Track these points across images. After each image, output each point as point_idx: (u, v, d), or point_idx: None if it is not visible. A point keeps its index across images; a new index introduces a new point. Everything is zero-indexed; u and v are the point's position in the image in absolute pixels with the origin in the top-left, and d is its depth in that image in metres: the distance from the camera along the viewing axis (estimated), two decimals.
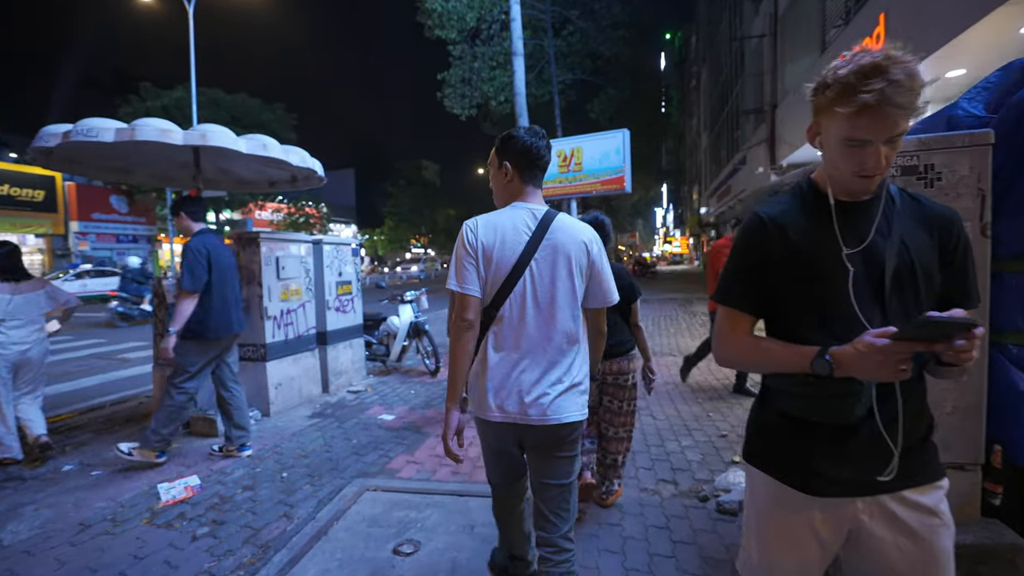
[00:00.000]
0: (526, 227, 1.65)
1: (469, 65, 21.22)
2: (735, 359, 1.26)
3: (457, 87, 21.52)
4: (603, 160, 14.01)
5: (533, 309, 1.62)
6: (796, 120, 11.93)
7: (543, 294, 1.62)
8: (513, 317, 1.63)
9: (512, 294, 1.62)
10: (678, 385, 5.22)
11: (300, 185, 4.97)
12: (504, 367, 1.62)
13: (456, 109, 21.94)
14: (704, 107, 31.31)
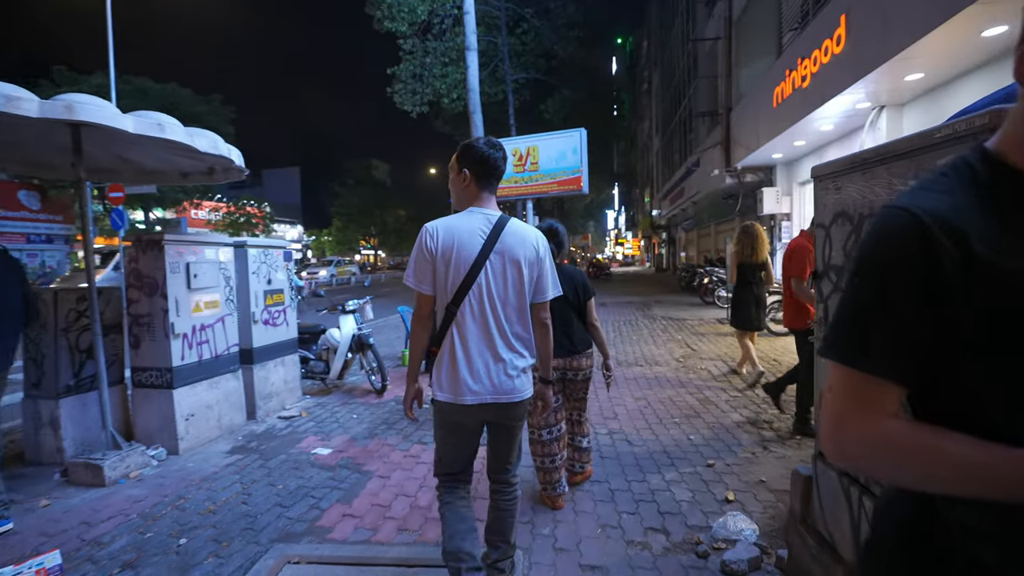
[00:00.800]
0: (481, 232, 1.85)
1: (420, 60, 20.44)
2: (873, 460, 0.72)
3: (408, 83, 20.74)
4: (560, 160, 13.65)
5: (489, 305, 1.84)
6: (751, 123, 11.94)
7: (498, 291, 1.85)
8: (474, 312, 1.83)
9: (471, 292, 1.82)
10: (649, 402, 4.80)
11: (219, 178, 4.22)
12: (469, 357, 1.84)
13: (407, 106, 21.13)
14: (656, 110, 31.73)
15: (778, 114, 10.01)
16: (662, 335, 8.58)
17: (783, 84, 9.57)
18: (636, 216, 50.06)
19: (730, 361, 6.31)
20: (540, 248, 1.93)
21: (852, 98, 7.97)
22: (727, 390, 5.09)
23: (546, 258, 1.96)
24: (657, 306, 13.05)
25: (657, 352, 7.13)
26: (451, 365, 1.85)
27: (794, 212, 12.95)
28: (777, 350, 6.86)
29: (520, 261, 1.86)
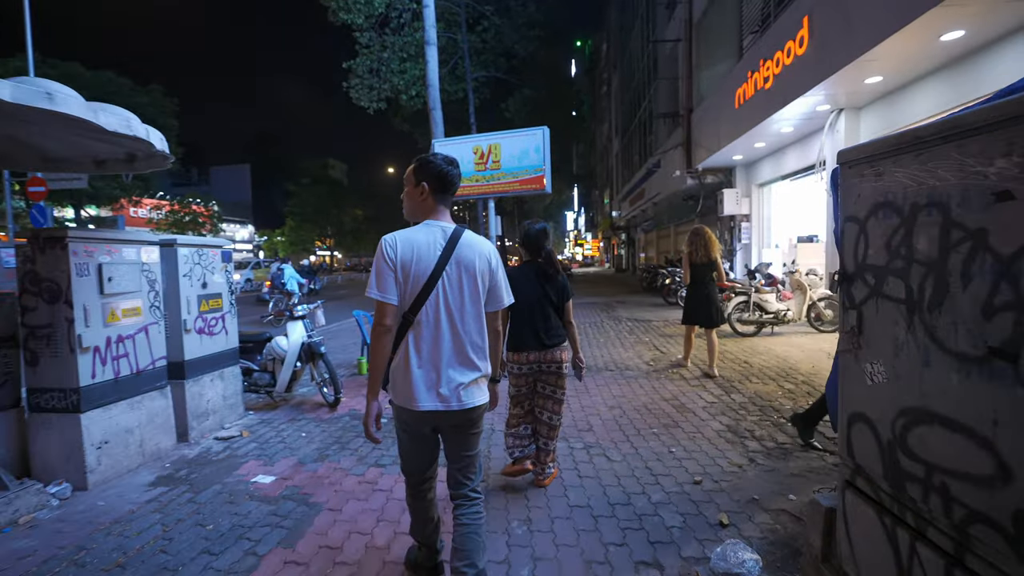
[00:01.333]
0: (438, 244, 1.91)
1: (378, 55, 19.79)
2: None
3: (365, 78, 20.05)
4: (522, 158, 13.37)
5: (446, 314, 1.89)
6: (712, 125, 11.99)
7: (454, 301, 1.90)
8: (430, 321, 1.89)
9: (428, 302, 1.87)
10: (624, 411, 4.54)
11: (141, 166, 3.66)
12: (425, 364, 1.88)
13: (363, 102, 20.43)
14: (616, 112, 32.00)
15: (740, 115, 10.04)
16: (629, 337, 8.39)
17: (745, 85, 9.59)
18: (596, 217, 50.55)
19: (701, 364, 6.15)
20: (492, 259, 2.02)
21: (813, 100, 8.01)
22: (702, 395, 4.89)
23: (498, 269, 2.03)
24: (621, 307, 12.96)
25: (626, 355, 6.92)
26: (406, 371, 1.89)
27: (753, 213, 13.12)
28: (745, 351, 6.77)
29: (475, 272, 1.94)
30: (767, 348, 6.92)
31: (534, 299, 3.02)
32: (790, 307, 7.84)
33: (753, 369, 5.79)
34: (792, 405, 4.47)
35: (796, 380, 5.25)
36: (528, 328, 3.01)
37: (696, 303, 5.74)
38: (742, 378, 5.43)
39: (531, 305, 3.01)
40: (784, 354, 6.51)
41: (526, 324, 3.01)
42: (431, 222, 1.96)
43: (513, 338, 3.02)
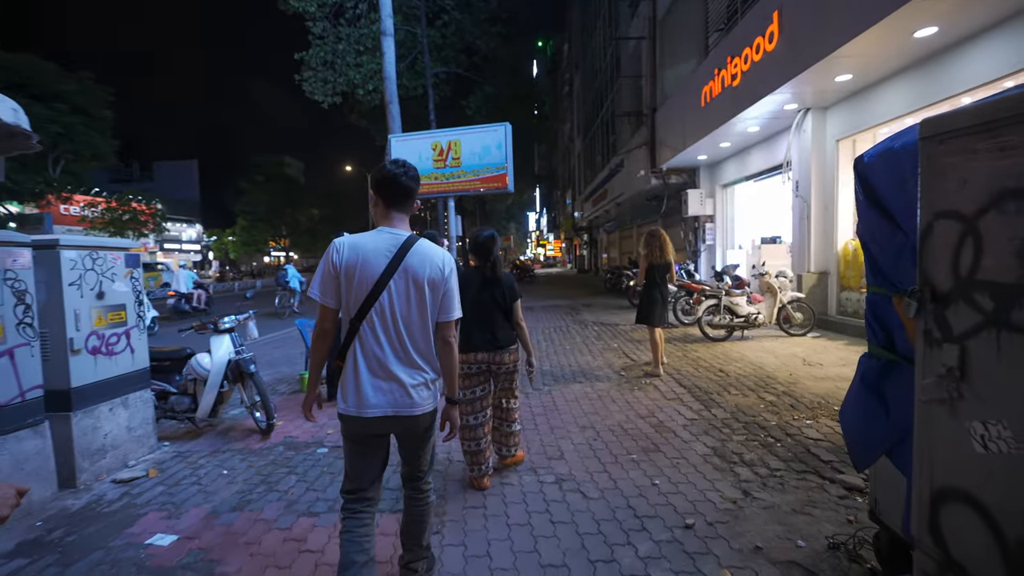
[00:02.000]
0: (387, 251, 1.91)
1: (332, 47, 18.91)
2: None
3: (319, 70, 19.15)
4: (483, 155, 12.82)
5: (391, 321, 1.90)
6: (677, 124, 11.79)
7: (400, 308, 1.91)
8: (375, 329, 1.90)
9: (374, 308, 1.89)
10: (599, 432, 4.08)
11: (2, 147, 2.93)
12: (372, 371, 1.90)
13: (317, 95, 19.53)
14: (578, 113, 31.89)
15: (706, 114, 9.83)
16: (596, 343, 7.99)
17: (712, 83, 9.37)
18: (558, 218, 50.53)
19: (675, 372, 5.79)
20: (445, 269, 1.98)
21: (781, 98, 7.82)
22: (680, 411, 4.49)
23: (452, 278, 2.01)
24: (586, 310, 12.60)
25: (595, 363, 6.49)
26: (354, 379, 1.90)
27: (717, 214, 13.02)
28: (719, 358, 6.46)
29: (423, 282, 1.92)
30: (740, 354, 6.63)
31: (482, 302, 3.11)
32: (760, 310, 7.62)
33: (730, 379, 5.45)
34: (777, 421, 4.12)
35: (776, 391, 4.93)
36: (477, 330, 3.10)
37: (650, 303, 5.77)
38: (720, 389, 5.07)
39: (479, 308, 3.09)
40: (759, 361, 6.23)
41: (475, 326, 3.09)
42: (384, 229, 1.97)
43: (462, 340, 3.00)
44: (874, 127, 7.39)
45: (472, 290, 3.06)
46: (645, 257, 5.78)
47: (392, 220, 1.98)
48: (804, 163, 8.40)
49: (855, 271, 7.69)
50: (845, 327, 7.73)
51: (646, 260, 5.78)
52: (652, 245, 5.75)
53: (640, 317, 5.86)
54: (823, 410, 4.32)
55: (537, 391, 5.27)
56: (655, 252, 5.73)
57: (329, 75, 19.02)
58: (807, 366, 5.87)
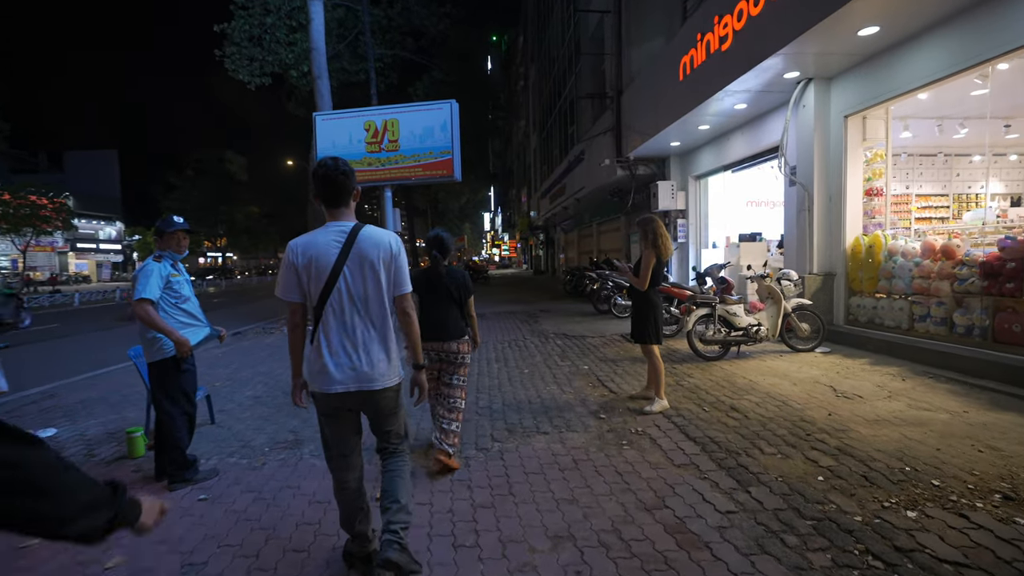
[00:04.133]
0: (336, 243, 2.08)
1: (259, 20, 16.52)
2: None
3: (244, 46, 16.72)
4: (425, 137, 10.98)
5: (349, 304, 2.08)
6: (648, 104, 10.35)
7: (357, 292, 2.09)
8: (336, 312, 2.08)
9: (332, 295, 2.06)
10: (583, 552, 2.41)
11: None
12: (335, 352, 2.07)
13: (243, 75, 17.09)
14: (534, 106, 30.42)
15: (686, 89, 8.39)
16: (561, 363, 6.36)
17: (693, 51, 7.92)
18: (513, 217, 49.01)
19: (674, 413, 4.21)
20: (394, 247, 2.13)
21: (781, 64, 6.43)
22: (702, 490, 2.89)
23: (400, 255, 2.15)
24: (545, 317, 10.99)
25: (563, 398, 4.84)
26: (319, 360, 2.08)
27: (690, 208, 11.71)
28: (722, 386, 4.95)
29: (375, 262, 2.08)
30: (747, 380, 5.14)
31: (436, 296, 3.35)
32: (761, 321, 6.19)
33: (751, 423, 3.92)
34: (861, 513, 2.57)
35: (826, 446, 3.41)
36: (429, 321, 3.28)
37: (650, 313, 4.42)
38: (746, 444, 3.51)
39: (433, 300, 3.35)
40: (775, 390, 4.75)
41: (428, 318, 3.29)
42: (330, 224, 2.13)
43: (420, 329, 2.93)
44: (889, 100, 6.11)
45: (428, 285, 3.34)
46: (650, 250, 4.33)
47: (336, 215, 2.14)
48: (804, 144, 7.07)
49: (869, 272, 6.39)
50: (857, 340, 6.42)
51: (652, 254, 4.30)
52: (658, 233, 4.33)
53: (639, 333, 4.49)
54: (920, 488, 2.80)
55: (484, 452, 3.56)
56: (661, 244, 4.32)
57: (256, 52, 16.69)
58: (843, 399, 4.42)
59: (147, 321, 3.06)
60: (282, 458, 3.61)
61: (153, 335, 3.12)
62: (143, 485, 3.22)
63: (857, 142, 6.66)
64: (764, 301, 6.40)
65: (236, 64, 16.59)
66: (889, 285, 6.11)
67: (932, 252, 5.58)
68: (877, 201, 6.75)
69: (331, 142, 10.99)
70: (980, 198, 9.53)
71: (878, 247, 6.25)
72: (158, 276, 3.14)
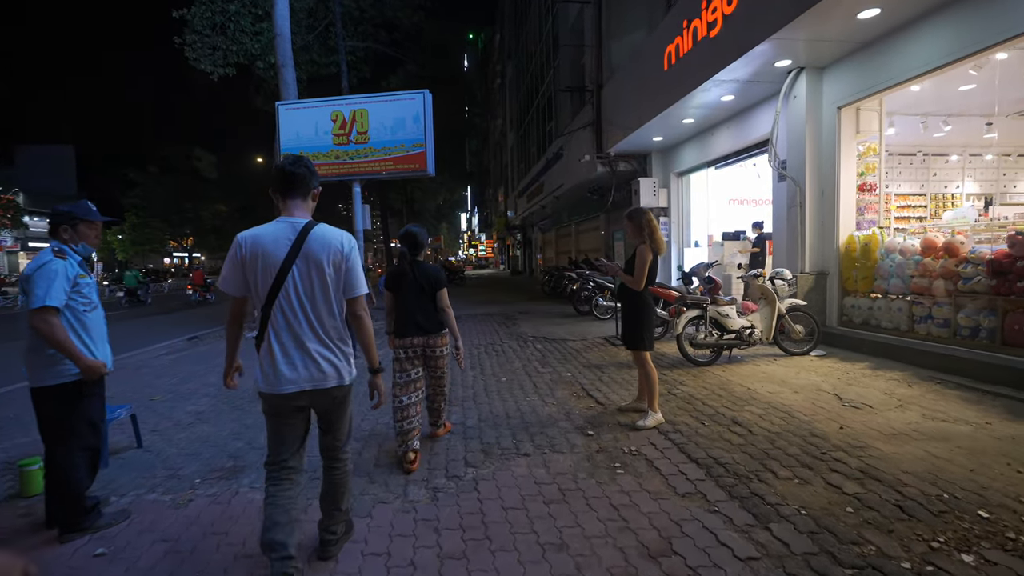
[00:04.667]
0: (287, 239, 2.03)
1: (222, 6, 15.66)
2: None
3: (206, 35, 15.84)
4: (396, 129, 10.37)
5: (298, 304, 2.03)
6: (630, 97, 9.96)
7: (305, 291, 2.04)
8: (284, 311, 2.03)
9: (280, 294, 2.01)
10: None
11: None
12: (284, 351, 2.03)
13: (204, 65, 16.22)
14: (511, 104, 29.95)
15: (670, 79, 8.01)
16: (542, 370, 5.88)
17: (679, 39, 7.54)
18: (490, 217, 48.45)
19: (670, 427, 3.76)
20: (345, 247, 2.08)
21: (773, 51, 6.08)
22: (716, 529, 2.43)
23: (352, 255, 2.10)
24: (524, 319, 10.51)
25: (545, 410, 4.35)
26: (269, 359, 2.03)
27: (672, 206, 11.37)
28: (719, 395, 4.54)
29: (323, 263, 2.04)
30: (744, 388, 4.74)
31: (412, 292, 3.37)
32: (754, 323, 5.82)
33: (757, 438, 3.49)
34: (905, 556, 2.14)
35: (846, 467, 3.00)
36: (408, 317, 3.36)
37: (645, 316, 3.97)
38: (756, 466, 3.07)
39: (411, 297, 3.37)
40: (776, 399, 4.35)
41: (407, 314, 3.36)
42: (282, 219, 2.08)
43: (398, 326, 3.38)
44: (884, 90, 5.81)
45: (404, 281, 3.38)
46: (645, 245, 3.84)
47: (289, 209, 2.10)
48: (795, 137, 6.74)
49: (864, 271, 6.08)
50: (852, 342, 6.10)
51: (647, 249, 3.81)
52: (652, 227, 3.85)
53: (631, 337, 3.99)
54: (966, 521, 2.39)
55: (455, 482, 3.04)
56: (656, 239, 3.83)
57: (219, 41, 15.83)
58: (851, 409, 4.03)
59: (49, 337, 2.39)
60: (213, 492, 3.02)
61: (53, 352, 2.47)
62: (31, 533, 2.60)
63: (851, 135, 6.35)
64: (757, 302, 6.03)
65: (198, 53, 15.73)
66: (886, 284, 5.80)
67: (933, 249, 5.28)
68: (870, 197, 6.46)
69: (295, 133, 10.31)
70: (956, 198, 9.48)
71: (874, 244, 5.94)
72: (64, 278, 2.49)
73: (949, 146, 9.03)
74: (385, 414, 3.92)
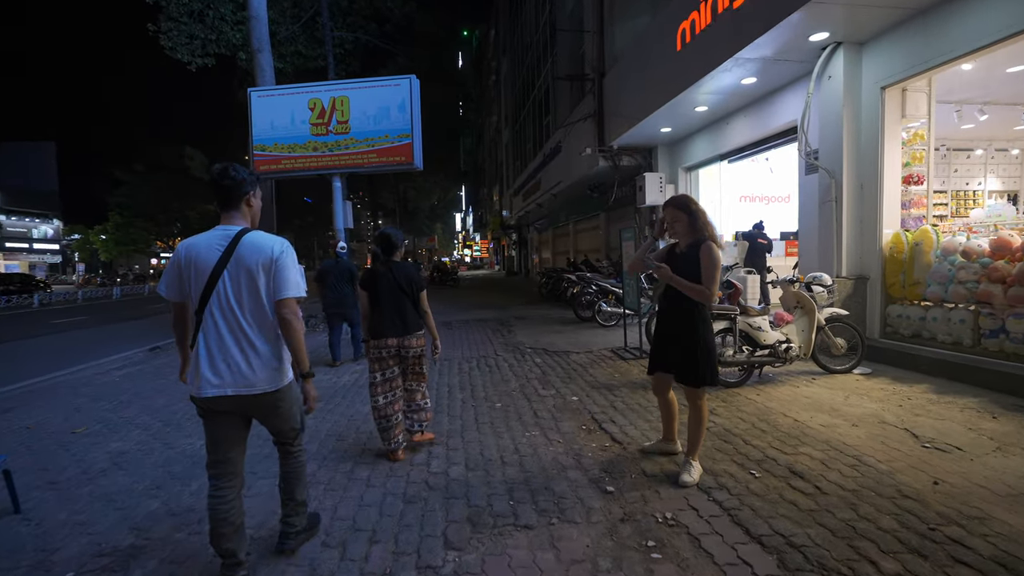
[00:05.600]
0: (219, 245, 2.07)
1: None
2: None
3: (183, 22, 14.95)
4: (380, 119, 9.48)
5: (228, 308, 2.06)
6: (636, 83, 9.12)
7: (234, 295, 2.06)
8: (215, 316, 2.06)
9: (211, 299, 2.05)
10: None
11: None
12: (210, 355, 2.05)
13: (182, 54, 15.35)
14: (506, 99, 29.09)
15: (684, 60, 7.18)
16: (543, 392, 5.03)
17: (696, 14, 6.70)
18: (485, 216, 47.57)
19: (711, 480, 2.91)
20: (275, 252, 2.09)
21: (811, 19, 5.25)
22: None
23: (282, 259, 2.10)
24: (520, 326, 9.65)
25: (549, 452, 3.50)
26: (196, 364, 2.07)
27: None
28: (760, 430, 3.70)
29: (253, 268, 2.06)
30: (792, 420, 3.90)
31: (390, 292, 3.40)
32: (790, 336, 4.98)
33: (831, 501, 2.65)
34: None
35: (970, 552, 2.17)
36: (386, 317, 3.38)
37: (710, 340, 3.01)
38: (844, 549, 2.23)
39: (387, 297, 3.40)
40: (834, 436, 3.51)
41: (384, 313, 3.39)
42: (218, 227, 2.13)
43: (374, 326, 3.40)
44: (935, 67, 5.01)
45: (380, 282, 3.41)
46: (710, 243, 2.87)
47: (227, 218, 2.15)
48: (830, 123, 5.92)
49: (914, 275, 5.26)
50: (900, 358, 5.29)
51: (714, 247, 2.86)
52: (706, 215, 2.96)
53: (691, 370, 2.93)
54: None
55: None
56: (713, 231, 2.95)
57: (198, 30, 14.93)
58: (936, 452, 3.20)
59: None
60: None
61: None
62: None
63: (895, 119, 5.54)
64: (792, 311, 5.19)
65: (174, 41, 14.85)
66: (943, 291, 4.98)
67: (1008, 250, 4.46)
68: (916, 190, 5.66)
69: (269, 123, 9.42)
70: (978, 195, 8.76)
71: (927, 245, 5.12)
72: None
73: (974, 139, 8.34)
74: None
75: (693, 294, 2.85)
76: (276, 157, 9.44)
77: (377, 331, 3.37)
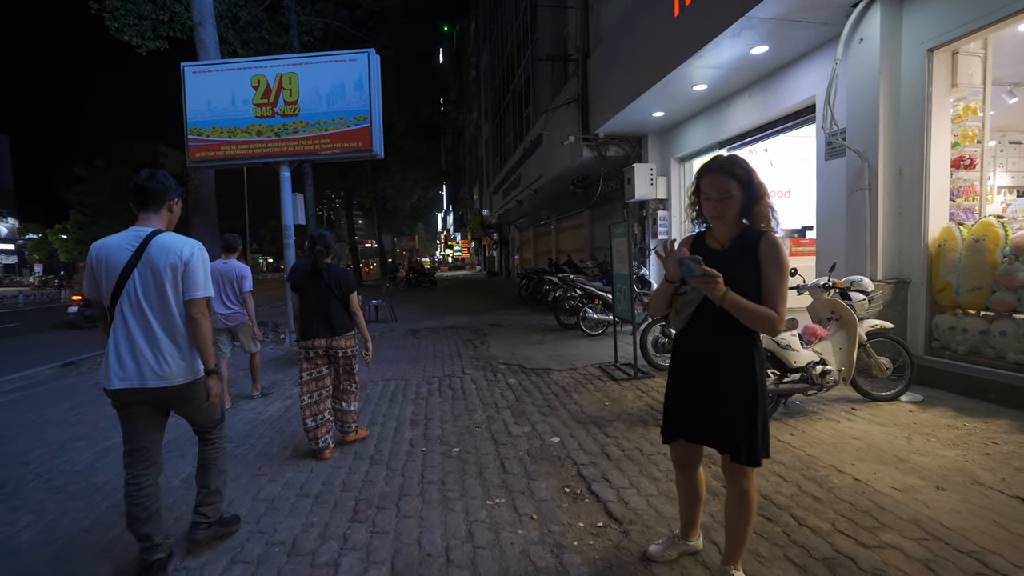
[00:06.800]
0: (129, 246, 2.15)
1: None
2: None
3: (130, 0, 13.63)
4: (334, 98, 8.22)
5: (137, 306, 2.13)
6: (625, 61, 8.07)
7: (145, 294, 2.14)
8: (124, 313, 2.13)
9: (122, 296, 2.13)
10: None
11: None
12: (118, 349, 2.11)
13: (130, 36, 13.95)
14: (485, 94, 27.97)
15: (682, 27, 6.14)
16: (515, 430, 3.92)
17: None
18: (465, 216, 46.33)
19: None
20: (185, 254, 2.17)
21: None
22: None
23: (192, 260, 2.17)
24: (496, 335, 8.53)
25: (516, 544, 2.40)
26: (106, 357, 2.13)
27: (672, 198, 9.53)
28: (807, 495, 2.67)
29: (162, 268, 2.13)
30: (851, 480, 2.86)
31: (318, 293, 3.47)
32: (825, 355, 3.95)
33: None
34: None
35: None
36: (314, 317, 3.45)
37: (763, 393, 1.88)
38: None
39: (315, 298, 3.47)
40: (920, 508, 2.47)
41: (312, 314, 3.46)
42: (132, 227, 2.19)
43: (303, 327, 3.47)
44: (1000, 21, 4.04)
45: (309, 283, 3.47)
46: (775, 239, 1.80)
47: (143, 219, 2.22)
48: (862, 96, 4.93)
49: (973, 279, 4.28)
50: (954, 380, 4.31)
51: (780, 244, 1.77)
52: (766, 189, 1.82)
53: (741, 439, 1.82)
54: None
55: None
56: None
57: (147, 9, 13.56)
58: None
59: None
60: None
61: None
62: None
63: (944, 89, 4.56)
64: (826, 324, 4.16)
65: (120, 22, 13.42)
66: (1014, 299, 4.00)
67: None
68: (966, 176, 4.70)
69: (206, 103, 8.12)
70: (988, 190, 7.95)
71: (992, 241, 4.14)
72: None
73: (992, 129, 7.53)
74: None
75: (754, 321, 1.75)
76: (214, 143, 8.17)
77: (306, 332, 3.47)
